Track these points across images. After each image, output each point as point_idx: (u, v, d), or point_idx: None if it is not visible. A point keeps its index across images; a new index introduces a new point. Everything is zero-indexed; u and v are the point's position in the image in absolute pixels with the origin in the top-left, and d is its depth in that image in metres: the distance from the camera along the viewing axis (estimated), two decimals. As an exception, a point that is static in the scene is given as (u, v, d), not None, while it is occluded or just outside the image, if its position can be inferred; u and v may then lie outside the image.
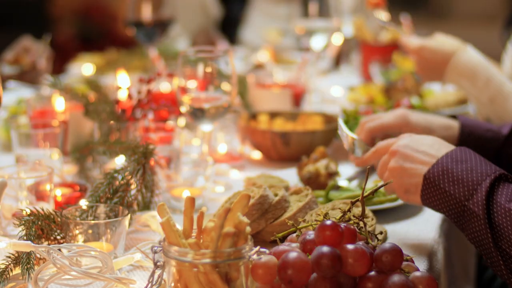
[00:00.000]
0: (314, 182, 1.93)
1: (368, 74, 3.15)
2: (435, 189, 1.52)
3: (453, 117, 1.97)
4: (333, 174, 1.94)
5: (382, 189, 1.88)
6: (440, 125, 1.91)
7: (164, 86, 2.62)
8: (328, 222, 1.33)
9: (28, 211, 1.56)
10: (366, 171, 1.49)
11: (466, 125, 1.91)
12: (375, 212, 1.78)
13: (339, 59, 3.50)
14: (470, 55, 2.20)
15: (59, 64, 3.06)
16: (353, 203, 1.49)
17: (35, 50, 2.82)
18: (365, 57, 3.18)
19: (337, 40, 3.32)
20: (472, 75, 2.16)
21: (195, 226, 1.29)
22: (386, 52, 3.08)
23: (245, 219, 1.26)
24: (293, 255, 1.29)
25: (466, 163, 1.51)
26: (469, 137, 1.89)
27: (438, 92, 2.89)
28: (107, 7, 6.59)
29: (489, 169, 1.49)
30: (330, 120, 2.32)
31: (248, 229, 1.27)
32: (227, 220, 1.25)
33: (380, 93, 2.78)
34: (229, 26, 4.06)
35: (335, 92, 3.06)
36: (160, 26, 2.77)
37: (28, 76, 2.79)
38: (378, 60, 3.03)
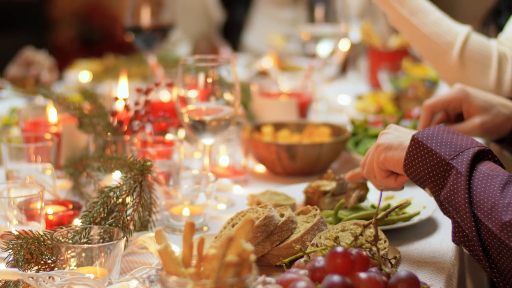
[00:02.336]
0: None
1: (376, 81, 3.05)
2: (421, 149, 1.49)
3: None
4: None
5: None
6: (499, 102, 1.89)
7: (164, 95, 2.52)
8: (339, 249, 1.26)
9: (16, 233, 1.48)
10: (380, 192, 1.42)
11: None
12: (386, 232, 1.68)
13: (346, 65, 3.39)
14: None
15: (58, 68, 2.97)
16: (365, 226, 1.41)
17: (37, 62, 2.74)
18: (373, 63, 3.08)
19: (344, 45, 3.22)
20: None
21: (195, 251, 1.20)
22: (395, 58, 2.99)
23: (249, 247, 1.18)
24: (301, 285, 1.23)
25: (457, 134, 1.50)
26: None
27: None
28: (108, 9, 6.54)
29: (479, 143, 1.48)
30: (338, 131, 2.21)
31: (252, 257, 1.18)
32: (230, 248, 1.17)
33: (390, 102, 2.68)
34: (232, 31, 3.97)
35: (342, 100, 2.96)
36: (160, 32, 2.67)
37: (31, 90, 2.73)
38: (387, 67, 2.93)
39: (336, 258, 1.25)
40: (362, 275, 1.24)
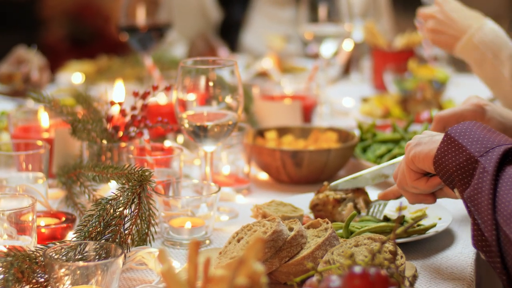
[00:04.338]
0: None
1: (380, 83, 2.94)
2: (452, 145, 1.43)
3: None
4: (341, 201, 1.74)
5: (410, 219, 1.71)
6: None
7: (161, 98, 2.41)
8: (357, 269, 1.16)
9: (5, 250, 1.39)
10: (399, 208, 1.32)
11: None
12: (400, 245, 1.58)
13: (349, 66, 3.29)
14: (492, 27, 2.01)
15: (49, 68, 2.87)
16: (383, 243, 1.30)
17: (29, 61, 2.64)
18: (377, 64, 2.98)
19: (347, 46, 3.11)
20: (496, 47, 1.98)
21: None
22: (401, 58, 2.88)
23: (260, 268, 1.08)
24: (318, 309, 1.12)
25: (492, 132, 1.44)
26: None
27: (459, 102, 2.69)
28: (100, 8, 6.44)
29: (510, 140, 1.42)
30: (345, 137, 2.11)
31: (264, 279, 1.08)
32: (239, 269, 1.07)
33: (397, 105, 2.57)
34: (230, 31, 3.88)
35: (346, 103, 2.85)
36: (156, 32, 2.56)
37: (20, 91, 2.62)
38: (392, 68, 2.82)
39: (353, 279, 1.16)
40: (383, 297, 1.15)
